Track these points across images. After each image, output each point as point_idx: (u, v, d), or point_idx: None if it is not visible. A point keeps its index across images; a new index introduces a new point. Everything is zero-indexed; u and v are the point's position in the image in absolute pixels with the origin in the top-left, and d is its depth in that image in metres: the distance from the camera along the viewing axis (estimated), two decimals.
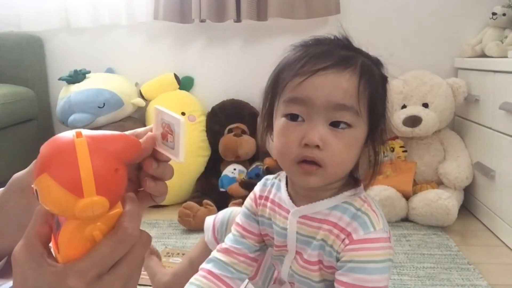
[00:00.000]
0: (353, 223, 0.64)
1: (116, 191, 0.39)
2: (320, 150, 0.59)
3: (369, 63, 0.65)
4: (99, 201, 0.37)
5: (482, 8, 1.83)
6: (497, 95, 1.49)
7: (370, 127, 0.64)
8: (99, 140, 0.39)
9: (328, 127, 0.60)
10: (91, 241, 0.39)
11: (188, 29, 2.00)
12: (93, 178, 0.37)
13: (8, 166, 1.79)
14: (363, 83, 0.61)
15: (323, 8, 1.85)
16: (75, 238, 0.39)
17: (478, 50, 1.77)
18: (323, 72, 0.60)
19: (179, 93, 1.99)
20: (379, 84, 0.65)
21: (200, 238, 1.51)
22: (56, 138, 0.39)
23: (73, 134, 0.38)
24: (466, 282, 1.18)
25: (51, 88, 2.12)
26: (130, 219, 0.40)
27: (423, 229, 1.53)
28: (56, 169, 0.37)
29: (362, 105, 0.61)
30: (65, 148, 0.37)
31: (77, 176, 0.36)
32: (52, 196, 0.37)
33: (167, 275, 1.00)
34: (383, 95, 0.66)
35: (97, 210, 0.37)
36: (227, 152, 1.81)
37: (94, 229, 0.39)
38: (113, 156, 0.39)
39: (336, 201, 0.66)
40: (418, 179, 1.72)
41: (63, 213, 0.38)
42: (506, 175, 1.43)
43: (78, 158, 0.37)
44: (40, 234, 0.40)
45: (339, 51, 0.63)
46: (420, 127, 1.67)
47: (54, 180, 0.36)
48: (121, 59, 2.08)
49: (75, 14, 2.03)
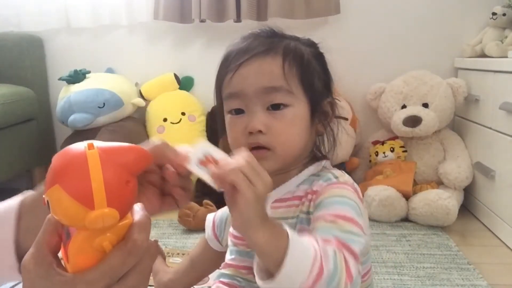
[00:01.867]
0: (316, 182, 0.64)
1: (126, 203, 0.40)
2: (264, 134, 0.62)
3: (295, 44, 0.67)
4: (109, 213, 0.37)
5: (482, 8, 1.83)
6: (497, 95, 1.49)
7: (312, 104, 0.66)
8: (110, 152, 0.39)
9: (266, 111, 0.63)
10: (100, 252, 0.39)
11: (188, 29, 2.00)
12: (104, 190, 0.37)
13: (8, 166, 1.79)
14: (288, 62, 0.63)
15: (323, 8, 1.85)
16: (84, 248, 0.39)
17: (478, 50, 1.77)
18: (247, 63, 0.63)
19: (179, 93, 1.99)
20: (310, 61, 0.66)
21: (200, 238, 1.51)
22: (67, 149, 0.39)
23: (84, 145, 0.38)
24: (466, 282, 1.18)
25: (51, 88, 2.12)
26: (139, 230, 0.40)
27: (423, 229, 1.53)
28: (68, 180, 0.37)
29: (292, 83, 0.63)
30: (77, 160, 0.37)
31: (88, 188, 0.36)
32: (63, 207, 0.37)
33: (168, 274, 1.00)
34: (320, 71, 0.68)
35: (107, 222, 0.38)
36: (227, 152, 1.81)
37: (104, 239, 0.39)
38: (124, 168, 0.39)
39: (303, 176, 0.67)
40: (418, 179, 1.72)
41: (74, 224, 0.39)
42: (506, 175, 1.43)
43: (89, 170, 0.37)
44: (50, 244, 0.41)
45: (262, 41, 0.66)
46: (420, 127, 1.67)
47: (65, 192, 0.36)
48: (121, 59, 2.08)
49: (75, 14, 2.03)
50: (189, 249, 1.42)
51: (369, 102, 1.87)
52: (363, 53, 1.90)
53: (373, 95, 1.85)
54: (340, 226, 0.56)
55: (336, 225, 0.56)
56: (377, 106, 1.85)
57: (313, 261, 0.49)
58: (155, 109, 1.96)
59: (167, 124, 1.91)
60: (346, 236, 0.55)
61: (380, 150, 1.78)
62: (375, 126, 1.93)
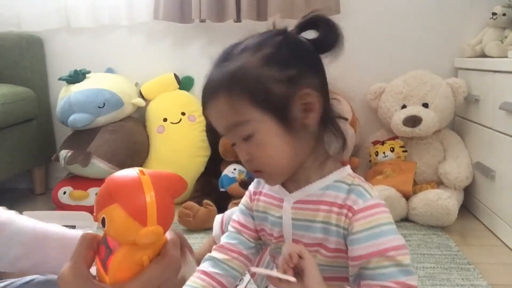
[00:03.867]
0: (350, 196, 0.65)
1: (169, 222, 0.46)
2: (252, 161, 0.66)
3: (241, 64, 0.64)
4: (158, 230, 0.43)
5: (482, 8, 1.84)
6: (497, 95, 1.49)
7: (278, 114, 0.63)
8: (158, 178, 0.46)
9: (244, 141, 0.65)
10: (139, 266, 0.44)
11: (188, 29, 2.00)
12: (156, 210, 0.43)
13: (8, 166, 1.79)
14: (235, 96, 0.62)
15: (323, 8, 1.85)
16: (127, 262, 0.44)
17: (478, 50, 1.77)
18: (207, 107, 0.66)
19: (179, 93, 1.99)
20: (259, 75, 0.62)
21: (200, 238, 1.52)
22: (122, 173, 0.46)
23: (137, 171, 0.45)
24: (466, 282, 1.18)
25: (51, 88, 2.12)
26: (174, 247, 0.46)
27: (423, 229, 1.53)
28: (126, 200, 0.43)
29: (247, 112, 0.62)
30: (133, 183, 0.44)
31: (143, 207, 0.43)
32: (119, 224, 0.42)
33: None
34: (276, 73, 0.62)
35: (155, 238, 0.43)
36: (227, 152, 1.81)
37: (144, 254, 0.44)
38: (169, 192, 0.46)
39: (327, 181, 0.67)
40: (418, 179, 1.72)
41: (125, 239, 0.44)
42: (506, 175, 1.43)
43: (144, 192, 0.43)
44: (86, 258, 0.45)
45: (213, 77, 0.67)
46: (420, 127, 1.67)
47: (123, 209, 0.42)
48: (121, 59, 2.08)
49: (75, 14, 2.03)
50: None
51: (369, 102, 1.88)
52: (363, 53, 1.90)
53: (373, 95, 1.85)
54: (397, 263, 0.60)
55: (394, 263, 0.61)
56: (377, 106, 1.85)
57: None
58: (155, 109, 1.96)
59: (167, 124, 1.91)
60: (405, 272, 0.60)
61: (380, 150, 1.78)
62: (375, 126, 1.93)
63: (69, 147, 1.81)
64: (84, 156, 1.75)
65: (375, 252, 0.61)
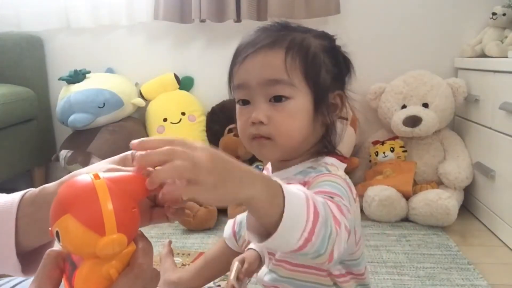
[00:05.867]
0: (310, 175, 0.65)
1: (133, 229, 0.41)
2: (266, 125, 0.65)
3: (303, 37, 0.68)
4: (119, 238, 0.39)
5: (482, 8, 1.83)
6: (497, 95, 1.49)
7: (316, 96, 0.67)
8: (115, 182, 0.41)
9: (269, 103, 0.65)
10: (107, 280, 0.40)
11: (188, 29, 2.00)
12: (114, 217, 0.38)
13: (8, 166, 1.79)
14: (291, 55, 0.65)
15: (323, 8, 1.85)
16: (92, 277, 0.40)
17: (478, 50, 1.77)
18: (252, 55, 0.66)
19: (179, 93, 1.99)
20: (316, 54, 0.67)
21: (200, 238, 1.52)
22: (74, 181, 0.41)
23: (90, 176, 0.41)
24: (466, 282, 1.18)
25: (51, 88, 2.12)
26: (144, 255, 0.41)
27: (423, 229, 1.53)
28: (79, 209, 0.38)
29: (294, 76, 0.65)
30: (86, 189, 0.39)
31: (99, 215, 0.38)
32: (74, 236, 0.38)
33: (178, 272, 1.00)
34: (329, 64, 0.68)
35: (117, 247, 0.39)
36: (227, 152, 1.80)
37: (111, 267, 0.40)
38: (129, 195, 0.41)
39: (301, 167, 0.69)
40: (418, 179, 1.72)
41: (84, 252, 0.40)
42: (506, 175, 1.43)
43: (99, 198, 0.39)
44: (51, 278, 0.41)
45: (270, 34, 0.67)
46: (420, 127, 1.67)
47: (77, 220, 0.38)
48: (121, 59, 2.08)
49: (75, 14, 2.03)
50: (189, 249, 1.43)
51: (369, 102, 1.87)
52: (363, 53, 1.90)
53: (373, 95, 1.85)
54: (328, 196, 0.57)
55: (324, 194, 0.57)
56: (377, 106, 1.85)
57: (307, 204, 0.47)
58: (155, 109, 1.96)
59: (167, 124, 1.91)
60: (334, 198, 0.56)
61: (380, 150, 1.78)
62: (375, 126, 1.93)
63: (69, 147, 1.81)
64: (84, 156, 1.76)
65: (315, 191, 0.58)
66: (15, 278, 0.68)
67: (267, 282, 0.76)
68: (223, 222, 1.62)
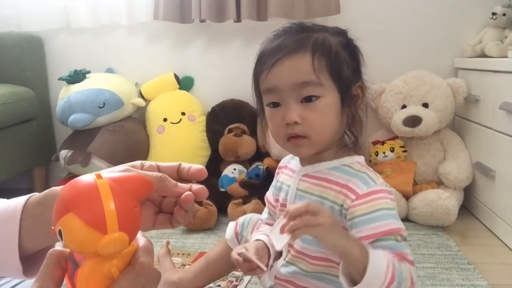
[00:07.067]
0: (353, 180, 0.70)
1: (134, 228, 0.42)
2: (300, 125, 0.70)
3: (323, 37, 0.72)
4: (121, 237, 0.40)
5: (482, 8, 1.83)
6: (497, 95, 1.49)
7: (342, 91, 0.72)
8: (118, 181, 0.42)
9: (300, 104, 0.70)
10: (109, 278, 0.41)
11: (188, 29, 2.00)
12: (116, 215, 0.39)
13: (8, 166, 1.79)
14: (317, 57, 0.70)
15: (323, 8, 1.85)
16: (94, 276, 0.41)
17: (478, 50, 1.77)
18: (279, 62, 0.70)
19: (179, 93, 1.99)
20: (338, 52, 0.72)
21: (200, 238, 1.51)
22: (76, 181, 0.42)
23: (93, 176, 0.42)
24: (466, 282, 1.18)
25: (51, 88, 2.12)
26: (145, 254, 0.42)
27: (423, 229, 1.53)
28: (81, 208, 0.39)
29: (322, 76, 0.69)
30: (88, 189, 0.40)
31: (101, 213, 0.39)
32: (77, 234, 0.39)
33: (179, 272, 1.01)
34: (349, 59, 0.74)
35: (118, 246, 0.40)
36: (227, 152, 1.81)
37: (112, 266, 0.41)
38: (131, 195, 0.42)
39: (336, 163, 0.74)
40: (418, 179, 1.72)
41: (86, 251, 0.40)
42: (506, 175, 1.43)
43: (101, 197, 0.40)
44: (54, 277, 0.42)
45: (292, 38, 0.72)
46: (420, 127, 1.67)
47: (79, 218, 0.39)
48: (121, 59, 2.08)
49: (75, 14, 2.03)
50: (189, 249, 1.43)
51: (369, 102, 1.87)
52: (363, 53, 1.90)
53: (373, 95, 1.85)
54: (393, 239, 0.66)
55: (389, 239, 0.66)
56: (377, 106, 1.85)
57: (387, 268, 0.59)
58: (155, 109, 1.96)
59: (167, 124, 1.91)
60: (400, 246, 0.65)
61: (380, 150, 1.78)
62: (375, 126, 1.93)
63: (69, 147, 1.81)
64: (84, 156, 1.75)
65: (372, 235, 0.66)
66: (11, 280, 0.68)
67: (284, 274, 0.77)
68: (223, 222, 1.63)
